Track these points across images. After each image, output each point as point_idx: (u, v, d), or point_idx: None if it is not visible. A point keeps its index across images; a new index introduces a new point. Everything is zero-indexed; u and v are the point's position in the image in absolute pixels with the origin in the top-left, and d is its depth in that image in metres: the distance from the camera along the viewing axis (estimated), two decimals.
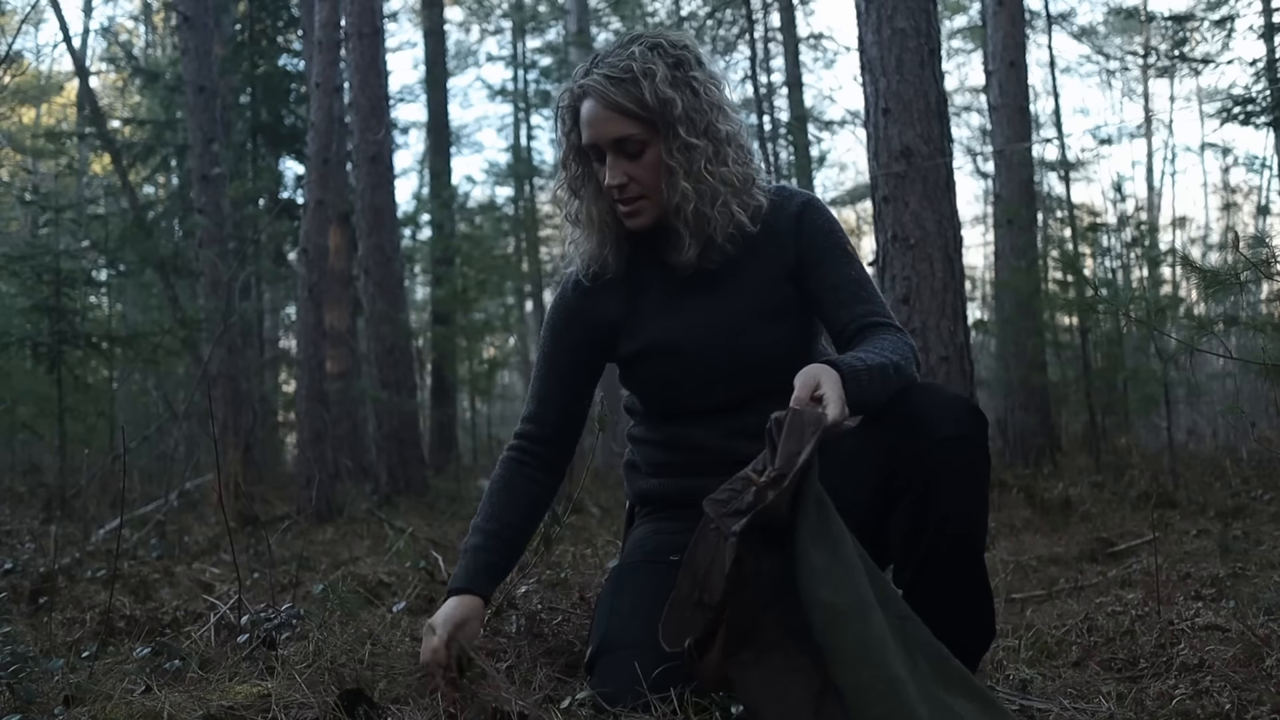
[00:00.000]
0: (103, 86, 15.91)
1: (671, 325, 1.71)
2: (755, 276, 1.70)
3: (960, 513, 1.47)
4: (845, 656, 1.28)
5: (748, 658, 1.37)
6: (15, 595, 2.75)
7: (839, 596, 1.30)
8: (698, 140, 1.61)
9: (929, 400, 1.52)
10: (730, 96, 1.68)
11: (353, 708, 1.50)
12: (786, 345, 1.69)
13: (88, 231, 7.09)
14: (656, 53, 1.61)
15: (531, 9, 15.31)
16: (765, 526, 1.33)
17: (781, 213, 1.71)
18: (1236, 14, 7.75)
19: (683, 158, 1.61)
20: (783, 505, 1.31)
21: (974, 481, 1.49)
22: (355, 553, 3.96)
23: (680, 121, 1.60)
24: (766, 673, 1.36)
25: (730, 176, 1.63)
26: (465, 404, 10.51)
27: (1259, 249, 3.78)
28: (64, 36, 8.37)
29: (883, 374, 1.51)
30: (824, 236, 1.70)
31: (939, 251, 4.66)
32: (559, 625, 2.07)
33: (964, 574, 1.50)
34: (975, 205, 17.61)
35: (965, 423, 1.49)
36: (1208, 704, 1.52)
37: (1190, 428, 7.53)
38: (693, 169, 1.61)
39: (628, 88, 1.59)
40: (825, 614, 1.30)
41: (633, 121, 1.60)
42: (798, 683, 1.34)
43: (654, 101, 1.58)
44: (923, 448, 1.46)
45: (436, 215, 11.01)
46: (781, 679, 1.36)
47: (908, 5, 4.69)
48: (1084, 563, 3.25)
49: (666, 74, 1.60)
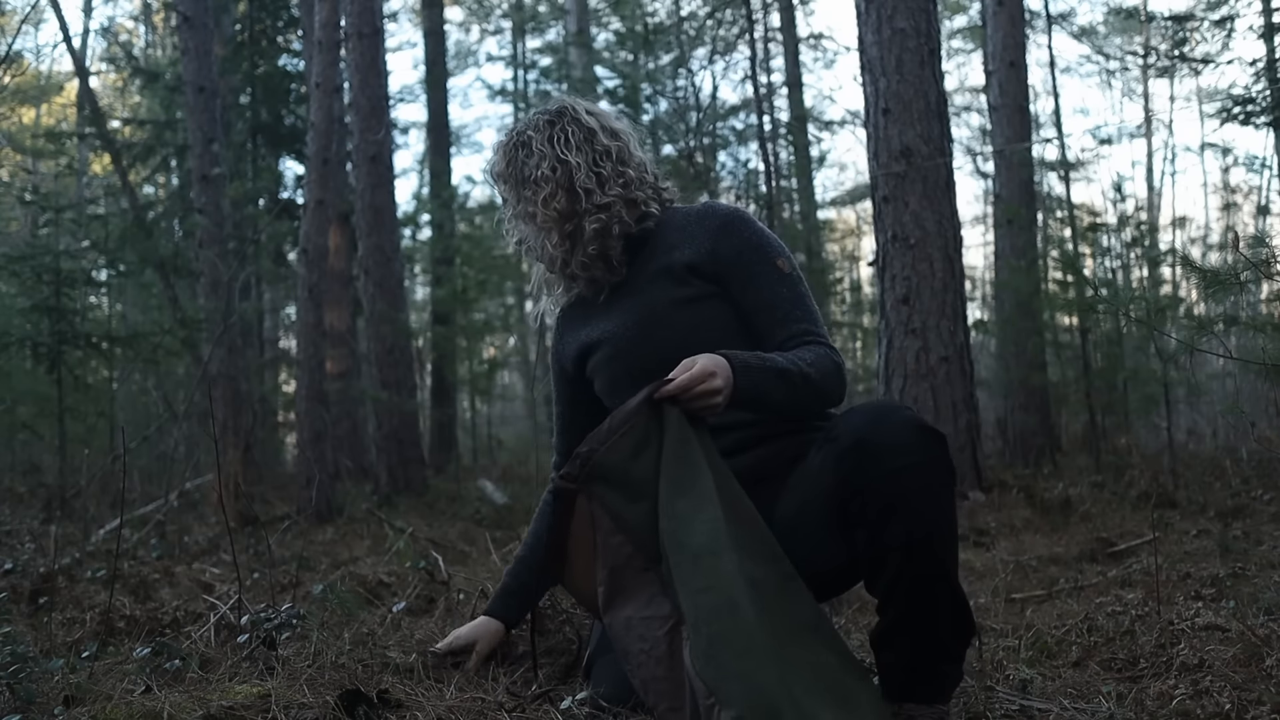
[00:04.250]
0: (103, 86, 15.91)
1: (603, 333, 1.86)
2: (668, 270, 1.82)
3: (921, 534, 1.47)
4: (690, 583, 1.39)
5: (618, 605, 1.50)
6: (15, 595, 2.75)
7: (693, 538, 1.43)
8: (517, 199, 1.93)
9: (882, 427, 1.50)
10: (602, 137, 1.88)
11: (353, 708, 1.50)
12: (698, 330, 1.75)
13: (88, 231, 7.09)
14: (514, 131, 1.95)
15: (531, 9, 15.30)
16: (606, 478, 1.50)
17: (700, 217, 1.83)
18: (1236, 14, 7.75)
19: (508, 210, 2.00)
20: (612, 456, 1.50)
21: (931, 500, 1.49)
22: (355, 553, 3.96)
23: (512, 181, 1.93)
24: (631, 615, 1.48)
25: (540, 215, 1.88)
26: (465, 404, 10.51)
27: (1259, 249, 3.77)
28: (64, 36, 8.36)
29: (782, 375, 1.61)
30: (752, 251, 1.79)
31: (939, 251, 4.66)
32: (559, 625, 2.08)
33: (933, 589, 1.50)
34: (975, 205, 17.64)
35: (917, 449, 1.48)
36: (1208, 704, 1.52)
37: (1190, 428, 7.52)
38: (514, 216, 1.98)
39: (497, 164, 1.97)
40: (679, 554, 1.42)
41: (504, 186, 1.96)
42: (657, 621, 1.45)
43: (500, 173, 1.95)
44: (877, 477, 1.47)
45: (436, 215, 10.99)
46: (645, 618, 1.47)
47: (908, 5, 4.69)
48: (1084, 563, 3.25)
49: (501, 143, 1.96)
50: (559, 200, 1.83)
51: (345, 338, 8.38)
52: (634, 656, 1.46)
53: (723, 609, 1.36)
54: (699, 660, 1.34)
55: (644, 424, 1.52)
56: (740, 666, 1.31)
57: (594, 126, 1.86)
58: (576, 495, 1.52)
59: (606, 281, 1.87)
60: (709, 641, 1.35)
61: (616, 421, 1.53)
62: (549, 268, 1.91)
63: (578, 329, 1.94)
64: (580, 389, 1.95)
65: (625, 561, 1.50)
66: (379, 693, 1.57)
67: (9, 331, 6.05)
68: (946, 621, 1.52)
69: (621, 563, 1.50)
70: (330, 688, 1.58)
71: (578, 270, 1.86)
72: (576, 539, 1.53)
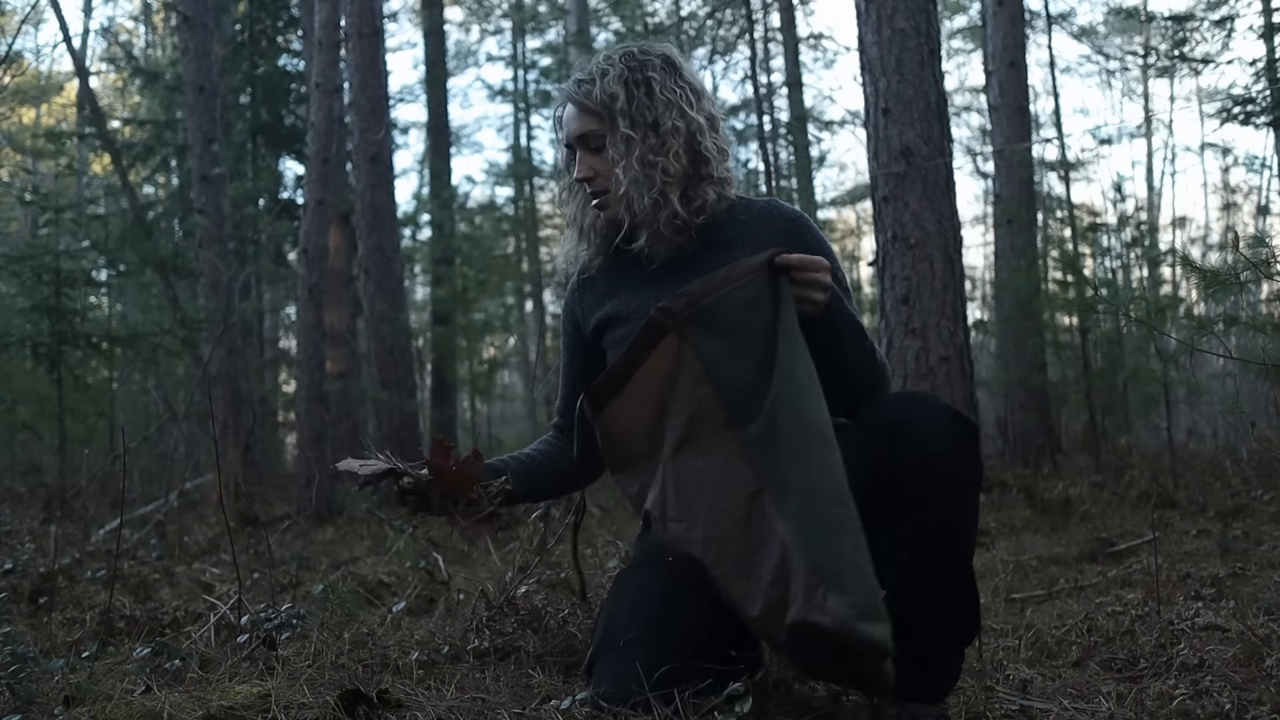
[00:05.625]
0: (103, 86, 15.91)
1: (635, 310, 1.77)
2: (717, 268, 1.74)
3: (946, 524, 1.47)
4: (805, 456, 1.34)
5: (690, 454, 1.43)
6: (15, 595, 2.75)
7: (810, 414, 1.37)
8: (636, 132, 1.70)
9: (917, 413, 1.51)
10: (705, 103, 1.76)
11: (353, 708, 1.50)
12: None
13: (88, 231, 7.09)
14: (620, 57, 1.75)
15: (531, 9, 15.29)
16: (711, 325, 1.43)
17: (762, 216, 1.76)
18: (1236, 14, 7.74)
19: (623, 147, 1.71)
20: (726, 304, 1.43)
21: (960, 491, 1.50)
22: (355, 553, 3.96)
23: (622, 114, 1.71)
24: (703, 468, 1.42)
25: (670, 168, 1.70)
26: (465, 404, 10.52)
27: (1259, 249, 3.77)
28: (64, 36, 8.36)
29: (858, 331, 1.62)
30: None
31: (939, 251, 4.66)
32: (560, 624, 2.07)
33: (950, 580, 1.51)
34: (975, 205, 17.63)
35: (949, 434, 1.49)
36: (1208, 704, 1.52)
37: (1190, 428, 7.52)
38: (630, 158, 1.71)
39: (586, 87, 1.74)
40: (795, 422, 1.37)
41: (594, 118, 1.74)
42: (736, 481, 1.39)
43: (602, 96, 1.72)
44: (907, 462, 1.47)
45: (436, 215, 10.99)
46: (721, 475, 1.41)
47: (908, 5, 4.69)
48: (1084, 563, 3.25)
49: (620, 73, 1.72)
50: (683, 159, 1.71)
51: (345, 338, 8.38)
52: (699, 511, 1.40)
53: (841, 496, 1.31)
54: (810, 538, 1.29)
55: (761, 283, 1.44)
56: (854, 558, 1.28)
57: (700, 88, 1.77)
58: (668, 331, 1.44)
59: (668, 254, 1.76)
60: (823, 522, 1.30)
61: (735, 273, 1.44)
62: (625, 219, 1.74)
63: (605, 295, 1.83)
64: (592, 349, 1.88)
65: (708, 414, 1.42)
66: (379, 693, 1.57)
67: (9, 331, 6.05)
68: (961, 614, 1.52)
69: (704, 413, 1.43)
70: (330, 688, 1.58)
71: (664, 231, 1.72)
72: (646, 375, 1.45)
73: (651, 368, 1.46)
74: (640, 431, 1.50)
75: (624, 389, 1.48)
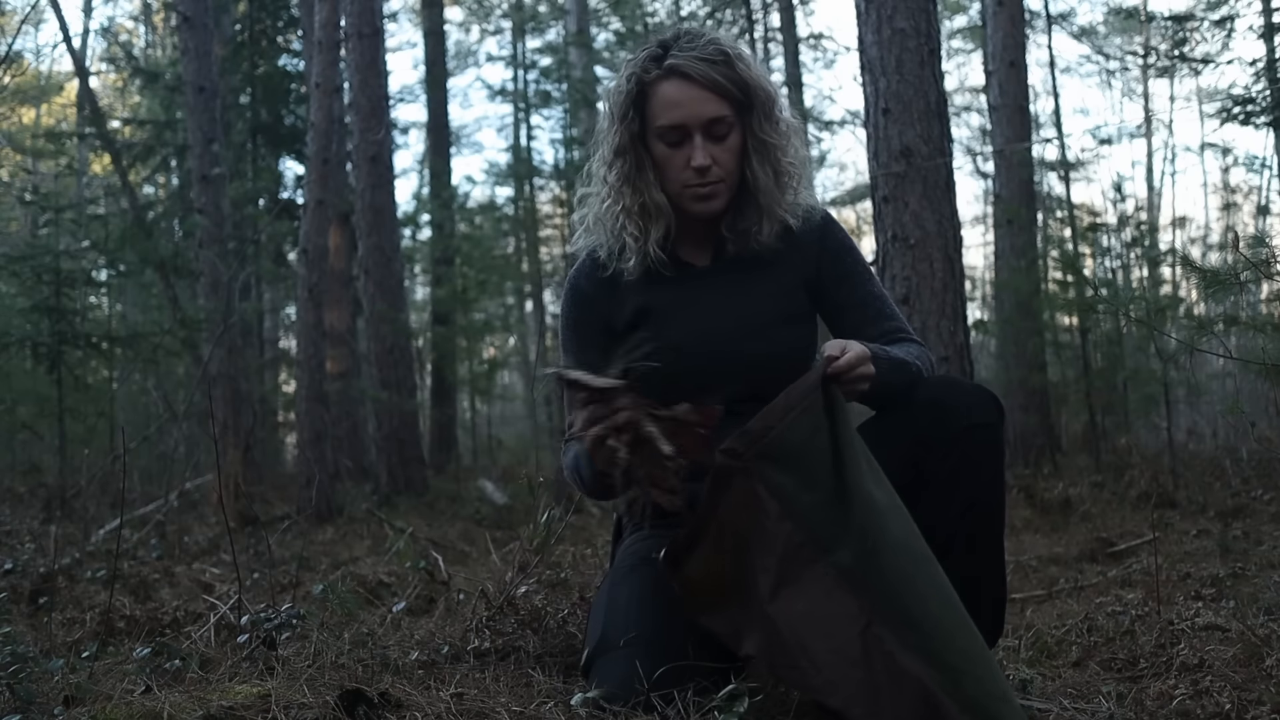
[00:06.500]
0: (103, 86, 15.90)
1: (681, 322, 1.70)
2: (779, 280, 1.73)
3: (987, 498, 1.54)
4: (915, 583, 1.31)
5: (788, 597, 1.35)
6: (15, 595, 2.75)
7: (903, 532, 1.35)
8: (773, 129, 1.64)
9: (955, 391, 1.58)
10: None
11: (353, 708, 1.50)
12: (796, 351, 1.73)
13: (88, 231, 7.09)
14: (737, 43, 1.66)
15: (531, 9, 15.29)
16: (781, 459, 1.35)
17: (805, 223, 1.74)
18: (1236, 14, 7.75)
19: (765, 142, 1.64)
20: (793, 435, 1.35)
21: (998, 466, 1.57)
22: (355, 553, 3.96)
23: (764, 106, 1.63)
24: (809, 610, 1.33)
25: (795, 170, 1.67)
26: (465, 404, 10.52)
27: (1259, 249, 3.77)
28: (64, 37, 8.37)
29: (902, 367, 1.58)
30: (847, 253, 1.77)
31: (939, 251, 4.65)
32: (560, 624, 2.07)
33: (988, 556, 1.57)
34: (975, 205, 17.58)
35: (991, 411, 1.56)
36: (1208, 704, 1.52)
37: (1190, 428, 7.51)
38: (770, 155, 1.64)
39: (724, 68, 1.61)
40: (898, 551, 1.33)
41: (725, 102, 1.62)
42: (843, 618, 1.32)
43: (749, 82, 1.61)
44: (953, 433, 1.51)
45: (436, 215, 11.00)
46: (827, 614, 1.33)
47: (908, 5, 4.68)
48: (1084, 563, 3.25)
49: (748, 58, 1.64)
50: (802, 155, 1.67)
51: (345, 338, 8.38)
52: (818, 655, 1.31)
53: (965, 623, 1.27)
54: (953, 679, 1.23)
55: (819, 403, 1.38)
56: (1003, 689, 1.26)
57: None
58: (735, 474, 1.35)
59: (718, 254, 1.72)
60: (963, 658, 1.26)
61: (794, 398, 1.37)
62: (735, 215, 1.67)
63: (642, 287, 1.72)
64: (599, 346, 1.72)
65: (794, 551, 1.34)
66: (379, 693, 1.57)
67: (9, 331, 6.05)
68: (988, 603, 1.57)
69: (790, 552, 1.35)
70: (330, 688, 1.58)
71: (727, 230, 1.68)
72: (720, 523, 1.37)
73: (725, 516, 1.37)
74: (723, 580, 1.40)
75: (700, 541, 1.40)
